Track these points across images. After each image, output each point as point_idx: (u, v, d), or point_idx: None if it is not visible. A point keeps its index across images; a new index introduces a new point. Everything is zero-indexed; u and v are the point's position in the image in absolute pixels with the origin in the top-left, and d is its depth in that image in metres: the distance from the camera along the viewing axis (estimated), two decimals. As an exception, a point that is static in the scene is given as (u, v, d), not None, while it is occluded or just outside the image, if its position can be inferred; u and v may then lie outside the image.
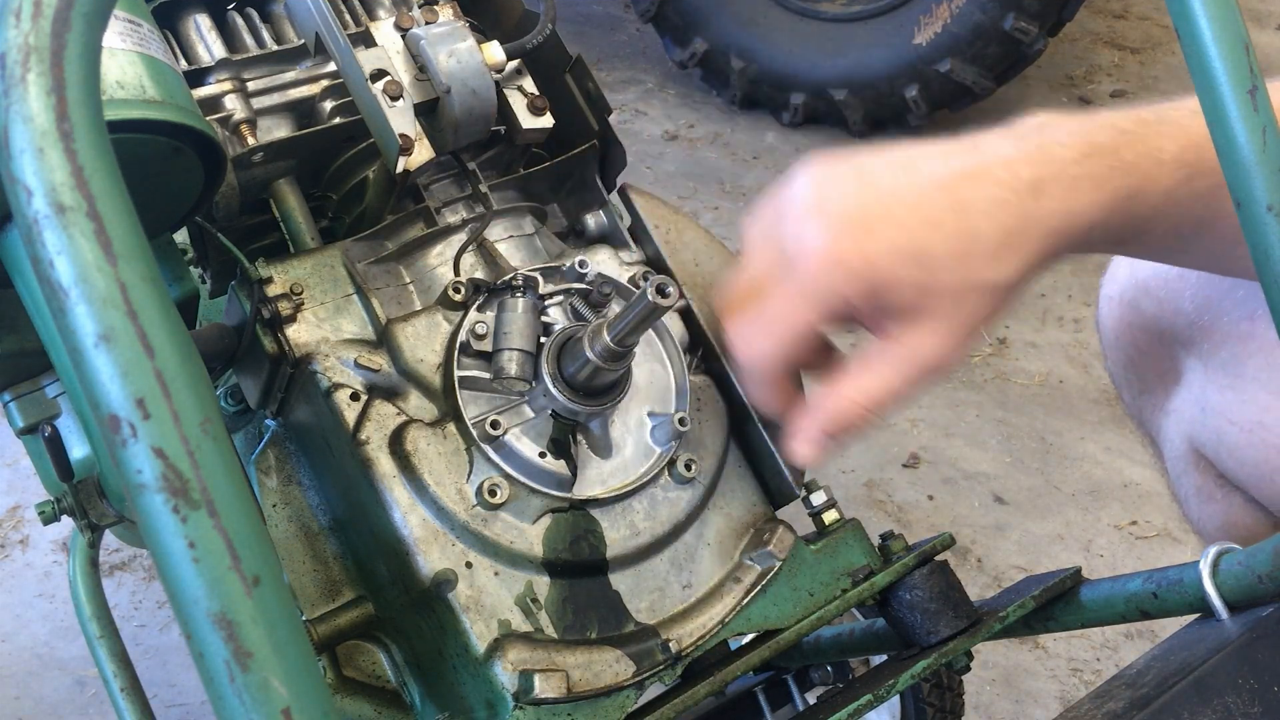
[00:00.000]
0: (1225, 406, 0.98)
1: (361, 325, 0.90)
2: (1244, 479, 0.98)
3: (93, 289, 0.43)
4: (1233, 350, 0.97)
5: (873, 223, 0.76)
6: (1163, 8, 3.08)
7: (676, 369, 0.93)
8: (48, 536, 2.10)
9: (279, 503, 0.92)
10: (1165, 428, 1.10)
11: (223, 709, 0.42)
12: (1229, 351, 0.97)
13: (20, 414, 1.24)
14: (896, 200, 0.77)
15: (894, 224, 0.76)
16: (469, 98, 0.93)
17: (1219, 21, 0.63)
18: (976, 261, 0.76)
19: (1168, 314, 1.03)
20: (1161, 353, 1.06)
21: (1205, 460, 1.04)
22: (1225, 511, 1.04)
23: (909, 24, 3.21)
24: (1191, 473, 1.07)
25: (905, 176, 0.78)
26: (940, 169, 0.78)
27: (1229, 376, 0.97)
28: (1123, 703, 0.70)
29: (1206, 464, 1.04)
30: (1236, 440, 0.97)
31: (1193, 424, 1.04)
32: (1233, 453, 0.98)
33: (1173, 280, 1.02)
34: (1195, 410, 1.03)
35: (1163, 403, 1.10)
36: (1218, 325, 0.98)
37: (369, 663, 0.92)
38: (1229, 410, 0.97)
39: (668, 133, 3.44)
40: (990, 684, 1.93)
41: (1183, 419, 1.06)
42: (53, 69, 0.44)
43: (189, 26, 1.00)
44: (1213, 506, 1.05)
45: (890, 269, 0.76)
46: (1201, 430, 1.02)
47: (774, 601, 0.89)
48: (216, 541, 0.42)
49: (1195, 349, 1.01)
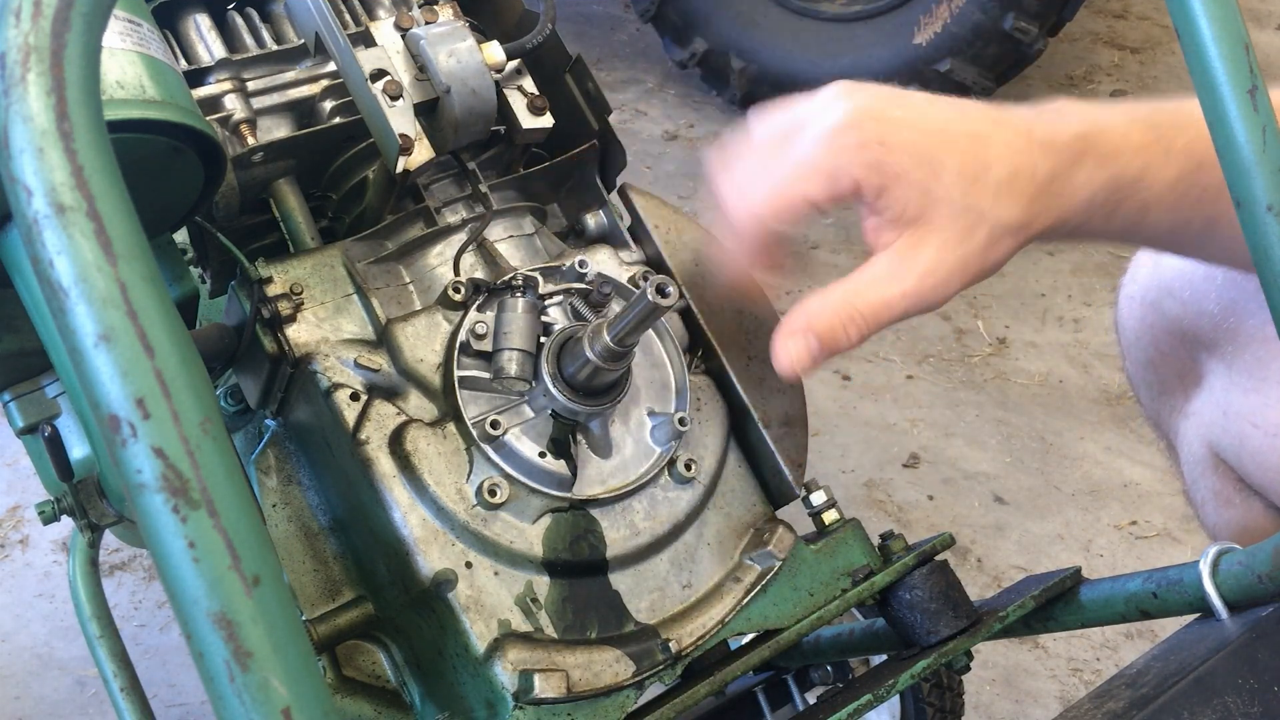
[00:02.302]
0: (1249, 410, 0.97)
1: (361, 325, 0.90)
2: (1266, 484, 0.97)
3: (92, 289, 0.43)
4: (1257, 353, 0.96)
5: (898, 120, 0.78)
6: (1163, 8, 3.08)
7: (676, 369, 0.93)
8: (48, 536, 2.09)
9: (279, 503, 0.92)
10: (1184, 430, 1.09)
11: (223, 709, 0.42)
12: (1254, 355, 0.96)
13: (20, 414, 1.24)
14: (922, 114, 0.79)
15: (916, 128, 0.78)
16: (469, 97, 0.93)
17: (1219, 21, 0.63)
18: (981, 188, 0.77)
19: (1191, 315, 1.02)
20: (1183, 354, 1.06)
21: (1224, 465, 1.02)
22: (1244, 516, 1.03)
23: (909, 24, 3.21)
24: (1209, 476, 1.06)
25: (935, 103, 0.80)
26: (969, 108, 0.80)
27: (1254, 380, 0.96)
28: (1123, 702, 0.70)
29: (1225, 468, 1.03)
30: (1259, 444, 0.96)
31: (1213, 427, 1.03)
32: (1254, 457, 0.97)
33: (1198, 282, 1.01)
34: (1216, 413, 1.02)
35: (1182, 405, 1.09)
36: (1243, 328, 0.97)
37: (369, 663, 0.92)
38: (1253, 414, 0.96)
39: (668, 133, 3.44)
40: (990, 684, 1.93)
41: (1203, 422, 1.05)
42: (53, 69, 0.44)
43: (189, 26, 1.00)
44: (1231, 511, 1.04)
45: (901, 163, 0.77)
46: (1222, 434, 1.01)
47: (774, 601, 0.89)
48: (216, 541, 0.42)
49: (1219, 351, 1.01)
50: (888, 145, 0.77)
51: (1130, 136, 0.79)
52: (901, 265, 0.78)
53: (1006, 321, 2.77)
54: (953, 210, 0.77)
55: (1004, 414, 2.51)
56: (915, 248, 0.78)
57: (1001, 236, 0.78)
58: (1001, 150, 0.77)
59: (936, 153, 0.77)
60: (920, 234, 0.77)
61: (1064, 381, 2.61)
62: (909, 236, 0.78)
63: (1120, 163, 0.78)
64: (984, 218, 0.77)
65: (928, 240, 0.77)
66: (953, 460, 2.38)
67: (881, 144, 0.77)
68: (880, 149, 0.77)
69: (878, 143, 0.77)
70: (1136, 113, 0.81)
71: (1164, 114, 0.81)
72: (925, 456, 2.38)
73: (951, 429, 2.46)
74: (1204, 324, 1.01)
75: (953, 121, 0.79)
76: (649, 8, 3.42)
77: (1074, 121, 0.79)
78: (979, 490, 2.32)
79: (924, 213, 0.77)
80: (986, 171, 0.77)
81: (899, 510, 2.26)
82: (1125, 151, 0.79)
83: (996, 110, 0.80)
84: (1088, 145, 0.78)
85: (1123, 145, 0.79)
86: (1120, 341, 1.16)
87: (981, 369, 2.63)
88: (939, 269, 0.78)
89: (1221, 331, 0.99)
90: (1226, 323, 0.99)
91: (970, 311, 2.78)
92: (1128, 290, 1.12)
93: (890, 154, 0.77)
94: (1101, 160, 0.78)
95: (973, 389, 2.57)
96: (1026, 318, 2.78)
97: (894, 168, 0.76)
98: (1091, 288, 2.87)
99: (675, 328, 0.95)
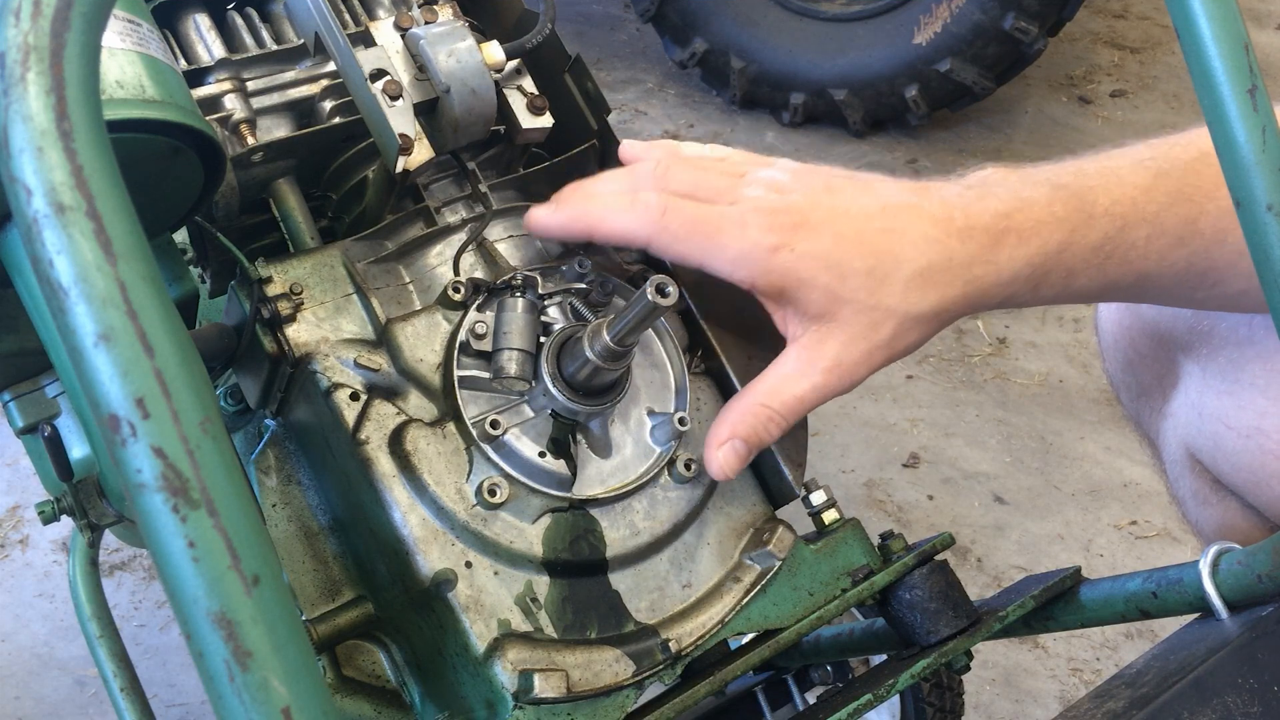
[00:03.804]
0: (1222, 411, 0.97)
1: (361, 325, 0.90)
2: (1240, 484, 0.98)
3: (92, 288, 0.43)
4: (1231, 355, 0.97)
5: (816, 226, 0.82)
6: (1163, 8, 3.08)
7: (676, 369, 0.93)
8: (48, 536, 2.10)
9: (279, 503, 0.92)
10: (1163, 431, 1.10)
11: (223, 709, 0.42)
12: (1227, 356, 0.97)
13: (20, 414, 1.24)
14: (842, 214, 0.82)
15: (831, 233, 0.81)
16: (469, 97, 0.93)
17: (1219, 21, 0.63)
18: (890, 286, 0.81)
19: (1167, 318, 1.03)
20: (1160, 356, 1.06)
21: (1201, 464, 1.03)
22: (1221, 515, 1.04)
23: (909, 24, 3.21)
24: (1188, 476, 1.07)
25: (857, 196, 0.84)
26: (890, 197, 0.83)
27: (1227, 382, 0.97)
28: (1123, 702, 0.70)
29: (1202, 469, 1.03)
30: (1233, 445, 0.96)
31: (1189, 428, 1.03)
32: (1229, 458, 0.97)
33: None
34: (1192, 414, 1.02)
35: (1161, 406, 1.10)
36: (1216, 330, 0.98)
37: (369, 662, 0.92)
38: (1226, 415, 0.97)
39: (667, 133, 3.44)
40: (990, 684, 1.93)
41: (1180, 422, 1.06)
42: (52, 68, 0.44)
43: (189, 26, 1.00)
44: (1209, 510, 1.05)
45: (809, 268, 0.81)
46: (1198, 435, 1.02)
47: (774, 601, 0.89)
48: (216, 541, 0.42)
49: (1194, 353, 1.01)
50: (798, 253, 0.81)
51: (1053, 208, 0.82)
52: (808, 361, 0.83)
53: (1006, 321, 2.77)
54: (857, 309, 0.81)
55: (1004, 414, 2.51)
56: (821, 343, 0.83)
57: (911, 327, 0.82)
58: (916, 243, 0.81)
59: (846, 256, 0.81)
60: (825, 330, 0.82)
61: (1064, 381, 2.61)
62: (815, 333, 0.83)
63: (1042, 236, 0.81)
64: (891, 313, 0.81)
65: (832, 335, 0.82)
66: (953, 460, 2.38)
67: (792, 251, 0.81)
68: (791, 256, 0.81)
69: (789, 249, 0.81)
70: (1060, 179, 0.84)
71: (1088, 177, 0.84)
72: (925, 456, 2.38)
73: (951, 429, 2.46)
74: (1179, 326, 1.02)
75: (872, 219, 0.82)
76: (649, 8, 3.42)
77: (996, 200, 0.82)
78: (979, 490, 2.32)
79: (829, 311, 0.82)
80: (898, 269, 0.81)
81: (899, 510, 2.26)
82: (1047, 223, 0.81)
83: (920, 196, 0.83)
84: (1009, 224, 0.81)
85: (1045, 218, 0.81)
86: (1100, 344, 1.18)
87: (981, 369, 2.63)
88: (843, 362, 0.83)
89: (1196, 334, 1.00)
90: (1201, 325, 1.00)
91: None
92: None
93: (800, 260, 0.81)
94: (1022, 237, 0.81)
95: (973, 389, 2.57)
96: (1026, 318, 2.79)
97: (801, 274, 0.81)
98: (1091, 288, 2.87)
99: (675, 328, 0.95)
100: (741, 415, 0.85)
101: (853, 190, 0.84)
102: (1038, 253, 0.81)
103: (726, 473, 0.86)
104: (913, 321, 0.82)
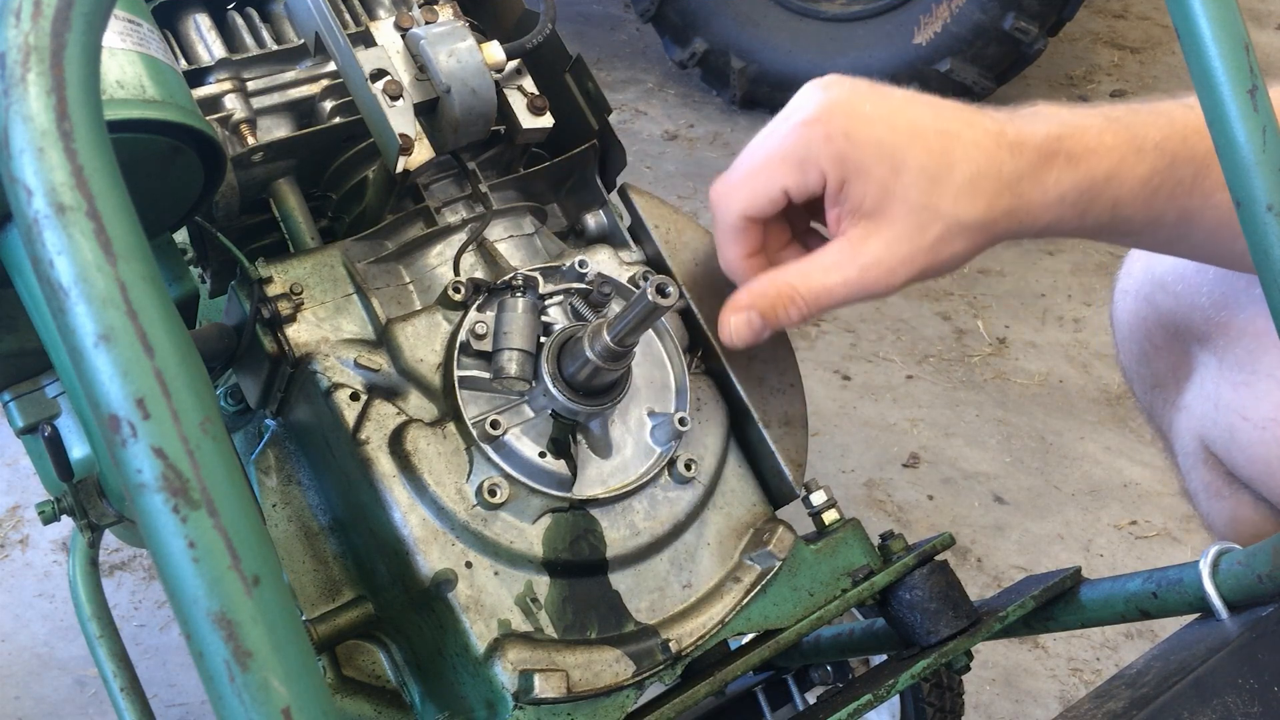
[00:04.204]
0: (1238, 403, 0.97)
1: (361, 325, 0.90)
2: (1254, 476, 0.98)
3: (92, 289, 0.43)
4: (1248, 347, 0.97)
5: (868, 116, 0.80)
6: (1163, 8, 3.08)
7: (676, 369, 0.93)
8: (48, 536, 2.09)
9: (279, 503, 0.92)
10: (1176, 423, 1.10)
11: (223, 709, 0.42)
12: (1244, 348, 0.97)
13: (20, 414, 1.23)
14: (895, 111, 0.81)
15: (885, 124, 0.80)
16: (469, 97, 0.93)
17: (1219, 21, 0.63)
18: (943, 188, 0.79)
19: (1184, 309, 1.03)
20: (1176, 348, 1.06)
21: (1214, 457, 1.03)
22: (1233, 508, 1.04)
23: (909, 24, 3.21)
24: (1201, 469, 1.07)
25: (913, 101, 0.83)
26: (945, 108, 0.82)
27: (1243, 373, 0.97)
28: (1123, 702, 0.70)
29: (1215, 461, 1.03)
30: (1248, 437, 0.96)
31: (1204, 420, 1.03)
32: (1244, 449, 0.97)
33: (1190, 276, 1.02)
34: (1207, 406, 1.02)
35: (1175, 398, 1.10)
36: (1234, 321, 0.98)
37: (369, 662, 0.92)
38: (1242, 406, 0.97)
39: (668, 133, 3.44)
40: (990, 684, 1.93)
41: (1194, 415, 1.06)
42: (53, 69, 0.44)
43: (189, 26, 1.00)
44: (1221, 503, 1.05)
45: (864, 158, 0.80)
46: (1213, 426, 1.02)
47: (774, 601, 0.89)
48: (216, 541, 0.42)
49: (1210, 345, 1.01)
50: (853, 140, 0.80)
51: (1103, 137, 0.81)
52: (848, 255, 0.82)
53: (1006, 321, 2.77)
54: (908, 207, 0.80)
55: (1004, 414, 2.51)
56: (865, 239, 0.81)
57: (957, 235, 0.81)
58: (969, 149, 0.80)
59: (901, 150, 0.79)
60: (872, 227, 0.81)
61: (1064, 381, 2.61)
62: (862, 228, 0.81)
63: (1091, 162, 0.81)
64: (939, 216, 0.80)
65: (878, 233, 0.81)
66: (953, 460, 2.38)
67: (847, 138, 0.80)
68: (845, 143, 0.80)
69: (843, 136, 0.80)
70: (1112, 113, 0.83)
71: (1139, 114, 0.83)
72: (925, 456, 2.38)
73: (951, 429, 2.46)
74: (1196, 317, 1.02)
75: (924, 119, 0.81)
76: (649, 8, 3.42)
77: (1047, 123, 0.82)
78: (979, 490, 2.32)
79: (880, 207, 0.80)
80: (950, 171, 0.79)
81: (899, 510, 2.26)
82: (1097, 151, 0.81)
83: (972, 111, 0.83)
84: (1059, 146, 0.80)
85: (1095, 145, 0.81)
86: (1115, 335, 1.18)
87: (981, 369, 2.63)
88: (884, 261, 0.81)
89: (1213, 325, 1.00)
90: (1218, 316, 1.00)
91: (970, 311, 2.78)
92: (1122, 285, 1.13)
93: (854, 149, 0.80)
94: (1072, 160, 0.80)
95: (973, 389, 2.57)
96: (1026, 318, 2.79)
97: (856, 163, 0.80)
98: (1091, 287, 2.87)
99: (675, 328, 0.95)
100: (764, 289, 0.84)
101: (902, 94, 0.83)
102: (1085, 177, 0.80)
103: (734, 341, 0.85)
104: (960, 229, 0.80)
